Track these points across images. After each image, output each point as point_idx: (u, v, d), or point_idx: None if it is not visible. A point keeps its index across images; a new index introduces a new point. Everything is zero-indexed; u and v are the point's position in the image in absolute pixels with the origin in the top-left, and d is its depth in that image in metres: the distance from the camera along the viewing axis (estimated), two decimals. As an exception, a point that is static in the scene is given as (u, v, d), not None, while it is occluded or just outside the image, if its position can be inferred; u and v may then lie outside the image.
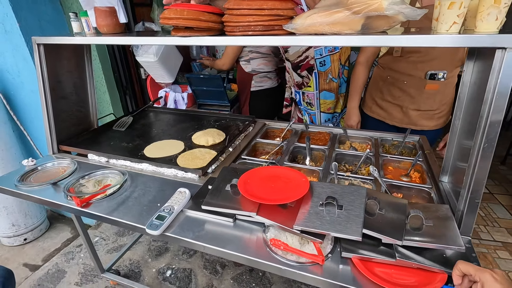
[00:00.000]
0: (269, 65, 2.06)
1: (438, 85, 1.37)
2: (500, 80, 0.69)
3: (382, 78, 1.53)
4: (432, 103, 1.43)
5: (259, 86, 2.06)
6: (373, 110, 1.61)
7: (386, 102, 1.53)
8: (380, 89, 1.55)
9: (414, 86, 1.41)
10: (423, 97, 1.42)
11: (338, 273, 0.74)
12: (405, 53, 1.38)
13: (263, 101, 2.07)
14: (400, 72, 1.43)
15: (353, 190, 0.89)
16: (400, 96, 1.47)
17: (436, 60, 1.32)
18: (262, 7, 0.85)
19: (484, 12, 0.71)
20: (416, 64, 1.37)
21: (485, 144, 0.73)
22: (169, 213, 0.91)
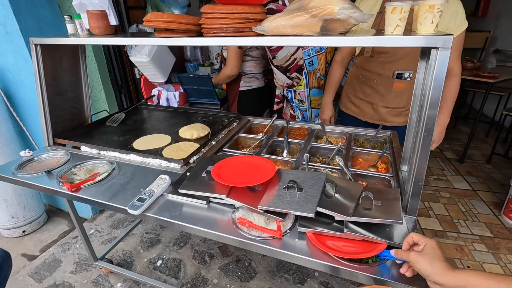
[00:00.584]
0: (257, 68, 2.18)
1: (404, 84, 1.47)
2: (435, 76, 0.79)
3: (356, 76, 1.63)
4: (399, 101, 1.53)
5: (247, 86, 2.16)
6: (348, 107, 1.71)
7: (359, 99, 1.63)
8: (354, 87, 1.65)
9: (383, 84, 1.51)
10: (391, 95, 1.52)
11: (294, 246, 0.84)
12: (375, 53, 1.48)
13: (250, 100, 2.18)
14: (371, 72, 1.53)
15: (314, 176, 0.99)
16: (371, 94, 1.57)
17: (402, 60, 1.42)
18: (233, 11, 0.95)
19: (422, 16, 0.81)
20: (384, 64, 1.47)
21: (425, 133, 0.83)
22: (149, 195, 1.01)
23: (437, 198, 2.60)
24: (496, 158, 3.17)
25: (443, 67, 0.78)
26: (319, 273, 1.90)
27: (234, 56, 1.98)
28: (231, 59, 1.99)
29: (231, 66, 2.02)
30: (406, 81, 1.46)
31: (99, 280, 1.91)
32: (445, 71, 0.78)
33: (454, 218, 2.35)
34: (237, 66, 2.03)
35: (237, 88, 2.17)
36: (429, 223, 2.30)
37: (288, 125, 1.66)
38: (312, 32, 0.93)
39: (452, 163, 3.16)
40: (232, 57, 1.99)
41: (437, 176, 2.94)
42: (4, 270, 1.18)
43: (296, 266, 1.96)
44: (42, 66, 1.38)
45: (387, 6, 0.83)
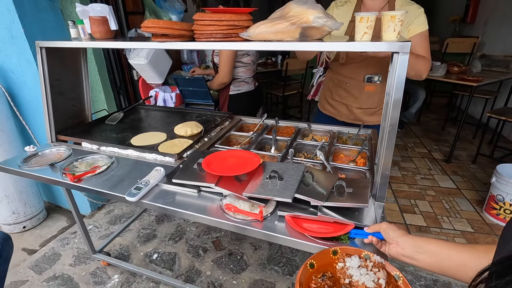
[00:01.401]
0: (247, 73, 2.26)
1: (374, 86, 1.61)
2: (397, 77, 0.90)
3: (332, 80, 1.77)
4: (371, 102, 1.66)
5: (237, 90, 2.25)
6: (326, 108, 1.85)
7: (335, 101, 1.77)
8: (330, 90, 1.79)
9: (355, 87, 1.65)
10: (364, 97, 1.65)
11: (274, 227, 0.94)
12: (348, 59, 1.61)
13: (240, 103, 2.26)
14: (344, 76, 1.67)
15: (295, 167, 1.09)
16: (346, 96, 1.70)
17: (372, 66, 1.56)
18: (221, 19, 1.06)
19: (385, 25, 0.92)
20: (356, 69, 1.61)
21: (389, 127, 0.94)
22: (145, 185, 1.11)
23: (422, 196, 2.71)
24: (481, 159, 3.29)
25: (403, 69, 0.89)
26: (307, 265, 2.00)
27: (226, 64, 2.05)
28: (224, 66, 2.06)
29: (223, 73, 2.08)
30: (376, 84, 1.60)
31: (97, 272, 1.99)
32: (405, 72, 0.89)
33: (438, 214, 2.46)
34: (229, 73, 2.10)
35: (227, 92, 2.26)
36: (414, 219, 2.41)
37: (277, 124, 1.77)
38: (292, 38, 1.04)
39: (439, 163, 3.28)
40: (225, 65, 2.05)
41: (424, 175, 3.06)
42: (5, 250, 1.26)
43: (286, 259, 2.06)
44: (46, 68, 1.48)
45: (356, 15, 0.94)
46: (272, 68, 4.42)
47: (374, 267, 0.72)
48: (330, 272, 0.73)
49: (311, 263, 0.73)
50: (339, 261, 0.75)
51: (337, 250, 0.76)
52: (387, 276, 0.70)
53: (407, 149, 3.65)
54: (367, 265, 0.73)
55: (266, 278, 1.91)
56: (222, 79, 2.11)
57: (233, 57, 2.06)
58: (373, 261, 0.73)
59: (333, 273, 0.73)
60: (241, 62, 2.17)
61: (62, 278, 1.95)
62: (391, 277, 0.70)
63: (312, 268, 0.72)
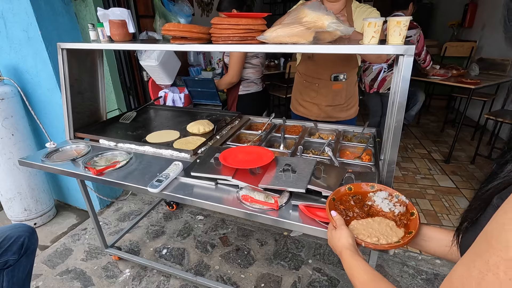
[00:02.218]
0: (256, 74, 2.35)
1: (341, 84, 1.74)
2: (402, 76, 0.98)
3: (301, 82, 1.89)
4: (340, 99, 1.79)
5: (246, 90, 2.34)
6: (298, 109, 1.97)
7: (306, 102, 1.89)
8: (300, 92, 1.90)
9: (324, 87, 1.76)
10: (332, 95, 1.77)
11: (289, 216, 1.01)
12: (317, 59, 1.72)
13: (249, 103, 2.35)
14: (312, 77, 1.79)
15: (306, 161, 1.17)
16: (315, 96, 1.82)
17: (337, 65, 1.68)
18: (238, 23, 1.14)
19: (391, 30, 1.01)
20: (322, 70, 1.73)
21: (395, 124, 1.02)
22: (166, 177, 1.18)
23: (423, 195, 2.79)
24: (479, 159, 3.38)
25: (408, 69, 0.97)
26: (312, 259, 2.07)
27: (236, 64, 2.14)
28: (233, 66, 2.15)
29: (232, 73, 2.17)
30: (342, 82, 1.74)
31: (108, 267, 2.05)
32: (409, 73, 0.97)
33: (438, 212, 2.54)
34: (238, 74, 2.19)
35: (236, 92, 2.35)
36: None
37: (285, 123, 1.85)
38: (306, 41, 1.12)
39: (438, 164, 3.36)
40: (234, 65, 2.14)
41: (424, 175, 3.14)
42: (32, 243, 1.33)
43: (292, 254, 2.13)
44: (67, 68, 1.56)
45: (364, 21, 1.02)
46: (275, 70, 4.51)
47: (397, 203, 0.86)
48: (361, 196, 0.91)
49: (349, 187, 0.93)
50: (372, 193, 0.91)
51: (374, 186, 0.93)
52: (405, 211, 0.83)
53: (407, 150, 3.73)
54: (392, 199, 0.88)
55: (273, 272, 1.98)
56: (231, 78, 2.19)
57: (243, 58, 2.15)
58: (399, 199, 0.87)
59: (363, 198, 0.90)
60: (250, 64, 2.25)
61: (75, 272, 2.01)
62: (408, 213, 0.83)
63: (350, 190, 0.93)
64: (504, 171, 0.49)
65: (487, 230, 0.40)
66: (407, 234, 0.76)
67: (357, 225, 0.78)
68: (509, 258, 0.35)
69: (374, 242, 0.73)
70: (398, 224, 0.79)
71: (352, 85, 1.83)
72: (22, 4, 1.89)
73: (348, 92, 1.79)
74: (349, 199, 0.88)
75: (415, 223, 0.77)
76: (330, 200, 0.86)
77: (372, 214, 0.83)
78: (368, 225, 0.77)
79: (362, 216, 0.82)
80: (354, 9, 1.59)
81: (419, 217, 0.79)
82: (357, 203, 0.86)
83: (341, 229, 0.74)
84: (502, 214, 0.39)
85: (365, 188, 0.92)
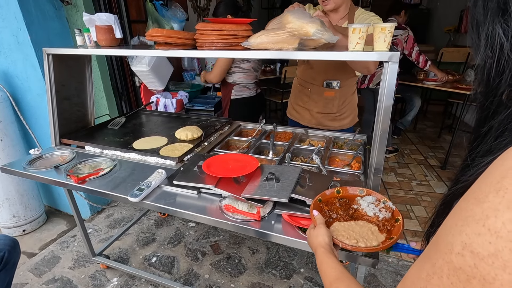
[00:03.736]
0: (249, 78, 2.33)
1: (334, 92, 1.70)
2: (387, 83, 0.96)
3: (296, 86, 1.87)
4: (331, 107, 1.74)
5: (238, 95, 2.32)
6: (291, 113, 1.95)
7: (298, 106, 1.86)
8: (295, 95, 1.88)
9: (316, 92, 1.74)
10: (323, 102, 1.74)
11: (271, 226, 0.98)
12: (312, 63, 1.70)
13: (241, 108, 2.32)
14: (306, 81, 1.76)
15: (291, 169, 1.14)
16: (308, 101, 1.79)
17: (331, 72, 1.65)
18: (222, 29, 1.12)
19: (376, 36, 0.98)
20: (316, 75, 1.70)
21: (381, 132, 0.99)
22: (147, 186, 1.15)
23: (418, 201, 2.75)
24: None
25: (393, 76, 0.95)
26: (304, 268, 2.03)
27: (218, 67, 2.16)
28: (216, 68, 2.19)
29: (213, 75, 2.21)
30: (335, 90, 1.69)
31: (96, 275, 2.01)
32: (394, 79, 0.95)
33: (433, 220, 2.50)
34: (218, 76, 2.22)
35: (229, 96, 2.34)
36: (410, 224, 2.45)
37: (275, 129, 1.82)
38: (291, 47, 1.10)
39: (434, 170, 3.33)
40: (216, 67, 2.17)
41: (420, 181, 3.10)
42: (13, 257, 1.29)
43: (283, 262, 2.09)
44: (53, 73, 1.53)
45: (349, 27, 1.00)
46: (271, 75, 4.50)
47: (383, 208, 0.84)
48: (348, 199, 0.89)
49: (338, 190, 0.91)
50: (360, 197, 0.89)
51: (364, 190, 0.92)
52: (390, 217, 0.82)
53: (404, 156, 3.70)
54: (379, 205, 0.86)
55: (264, 282, 1.94)
56: (211, 79, 2.24)
57: (227, 63, 2.16)
58: (386, 205, 0.85)
59: (350, 201, 0.89)
60: (241, 68, 2.24)
61: (61, 280, 1.97)
62: (393, 219, 0.81)
63: (338, 193, 0.91)
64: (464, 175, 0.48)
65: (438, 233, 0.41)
66: (388, 239, 0.73)
67: (339, 227, 0.77)
68: (450, 261, 0.34)
69: (352, 244, 0.72)
70: (381, 229, 0.77)
71: (348, 94, 1.76)
72: (11, 9, 1.88)
73: (342, 101, 1.74)
74: (335, 202, 0.88)
75: (398, 230, 0.75)
76: (316, 201, 0.85)
77: (356, 217, 0.82)
78: (349, 228, 0.76)
79: (345, 218, 0.81)
80: (356, 17, 1.56)
81: (403, 223, 0.77)
82: (343, 206, 0.85)
83: (319, 227, 0.72)
84: (451, 216, 0.39)
85: (354, 192, 0.91)
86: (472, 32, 0.47)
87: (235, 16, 2.16)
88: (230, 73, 2.28)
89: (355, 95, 1.84)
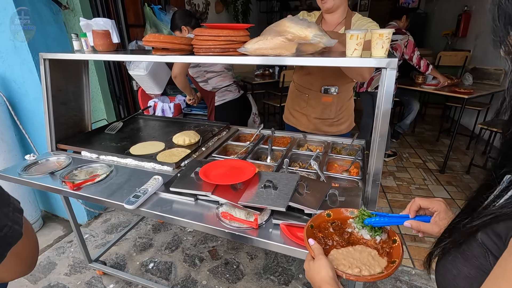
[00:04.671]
0: (226, 80, 2.27)
1: (331, 98, 1.69)
2: (385, 90, 0.95)
3: (293, 91, 1.86)
4: (329, 113, 1.74)
5: (221, 100, 2.27)
6: (288, 119, 1.94)
7: (296, 111, 1.85)
8: (292, 101, 1.88)
9: (313, 98, 1.73)
10: (321, 107, 1.73)
11: (269, 235, 0.97)
12: (309, 69, 1.70)
13: (227, 112, 2.27)
14: (304, 87, 1.76)
15: (289, 176, 1.13)
16: (305, 107, 1.78)
17: (328, 77, 1.65)
18: (219, 35, 1.11)
19: (374, 42, 0.98)
20: (313, 80, 1.70)
21: (379, 138, 0.98)
22: (144, 193, 1.13)
23: (417, 206, 2.74)
24: (474, 169, 3.34)
25: (391, 82, 0.94)
26: (303, 274, 2.01)
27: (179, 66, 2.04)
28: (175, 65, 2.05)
29: (174, 72, 2.07)
30: (332, 95, 1.69)
31: (92, 282, 1.98)
32: (392, 86, 0.94)
33: (432, 224, 2.48)
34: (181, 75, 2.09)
35: (213, 104, 2.27)
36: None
37: (273, 134, 1.81)
38: (288, 52, 1.10)
39: (433, 174, 3.33)
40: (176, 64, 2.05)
41: (419, 185, 3.10)
42: None
43: (282, 268, 2.07)
44: (49, 78, 1.52)
45: (347, 32, 1.00)
46: (269, 79, 4.51)
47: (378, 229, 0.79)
48: (340, 223, 0.84)
49: (328, 213, 0.85)
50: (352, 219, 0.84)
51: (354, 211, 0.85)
52: (387, 238, 0.77)
53: (402, 160, 3.69)
54: None
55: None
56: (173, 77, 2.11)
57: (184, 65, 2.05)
58: None
59: (343, 224, 0.83)
60: (213, 72, 2.18)
61: (57, 287, 1.94)
62: (390, 240, 0.77)
63: (329, 217, 0.85)
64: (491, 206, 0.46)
65: None
66: (390, 263, 0.71)
67: (337, 255, 0.72)
68: None
69: (356, 273, 0.67)
70: (380, 252, 0.73)
71: (345, 100, 1.76)
72: (8, 13, 1.87)
73: (339, 106, 1.74)
74: (328, 226, 0.82)
75: (397, 251, 0.72)
76: (308, 228, 0.79)
77: (353, 242, 0.77)
78: (348, 255, 0.72)
79: (342, 244, 0.76)
80: (354, 22, 1.56)
81: (401, 244, 0.74)
82: (337, 230, 0.80)
83: (319, 259, 0.67)
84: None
85: (345, 214, 0.85)
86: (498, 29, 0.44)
87: (189, 25, 2.14)
88: (206, 81, 2.23)
89: (352, 100, 1.84)
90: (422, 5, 6.45)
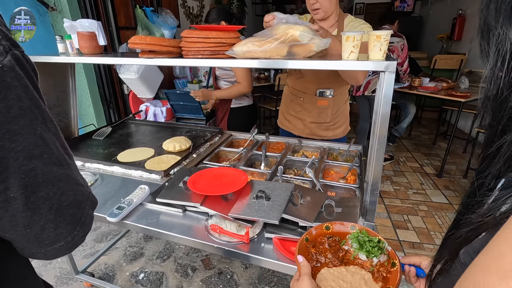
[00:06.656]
0: None
1: (327, 101, 1.65)
2: (384, 94, 0.90)
3: (287, 95, 1.82)
4: (325, 116, 1.70)
5: (238, 103, 2.26)
6: (283, 123, 1.89)
7: (291, 116, 1.81)
8: (287, 105, 1.83)
9: (308, 102, 1.69)
10: (317, 111, 1.69)
11: (261, 250, 0.90)
12: (302, 74, 1.65)
13: (240, 116, 2.27)
14: (298, 90, 1.72)
15: (283, 186, 1.07)
16: (300, 111, 1.74)
17: (323, 80, 1.61)
18: (208, 36, 1.06)
19: (371, 45, 0.93)
20: (308, 84, 1.66)
21: (377, 145, 0.93)
22: (128, 204, 1.06)
23: (415, 211, 2.69)
24: (472, 173, 3.30)
25: (390, 87, 0.89)
26: (299, 284, 1.94)
27: (247, 74, 2.05)
28: (246, 76, 2.06)
29: (247, 83, 2.07)
30: (328, 98, 1.65)
31: (79, 294, 1.90)
32: (391, 90, 0.89)
33: (430, 230, 2.44)
34: (251, 83, 2.11)
35: (228, 105, 2.26)
36: (407, 235, 2.38)
37: (268, 139, 1.75)
38: (280, 55, 1.04)
39: (431, 178, 3.29)
40: (246, 75, 2.05)
41: (416, 190, 3.05)
42: None
43: (277, 278, 2.00)
44: (31, 82, 1.45)
45: (342, 34, 0.94)
46: (265, 82, 4.46)
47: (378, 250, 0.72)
48: (339, 237, 0.77)
49: (327, 226, 0.79)
50: None
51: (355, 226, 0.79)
52: (386, 260, 0.70)
53: (399, 164, 3.66)
54: None
55: (257, 299, 1.85)
56: (247, 89, 2.11)
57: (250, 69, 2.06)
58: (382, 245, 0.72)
59: (341, 239, 0.76)
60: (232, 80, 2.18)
61: (41, 301, 1.85)
62: (389, 262, 0.70)
63: (327, 230, 0.78)
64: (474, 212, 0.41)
65: None
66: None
67: (327, 275, 0.65)
68: None
69: None
70: (375, 276, 0.66)
71: (341, 103, 1.72)
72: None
73: (335, 110, 1.70)
74: (324, 241, 0.75)
75: (395, 277, 0.64)
76: (302, 241, 0.73)
77: (347, 261, 0.70)
78: (339, 276, 0.65)
79: (334, 263, 0.70)
80: (346, 24, 1.52)
81: (400, 269, 0.66)
82: (332, 247, 0.74)
83: (303, 280, 0.60)
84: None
85: (345, 229, 0.78)
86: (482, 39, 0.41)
87: (229, 23, 2.10)
88: (232, 82, 2.21)
89: (347, 104, 1.79)
90: (417, 9, 6.48)
